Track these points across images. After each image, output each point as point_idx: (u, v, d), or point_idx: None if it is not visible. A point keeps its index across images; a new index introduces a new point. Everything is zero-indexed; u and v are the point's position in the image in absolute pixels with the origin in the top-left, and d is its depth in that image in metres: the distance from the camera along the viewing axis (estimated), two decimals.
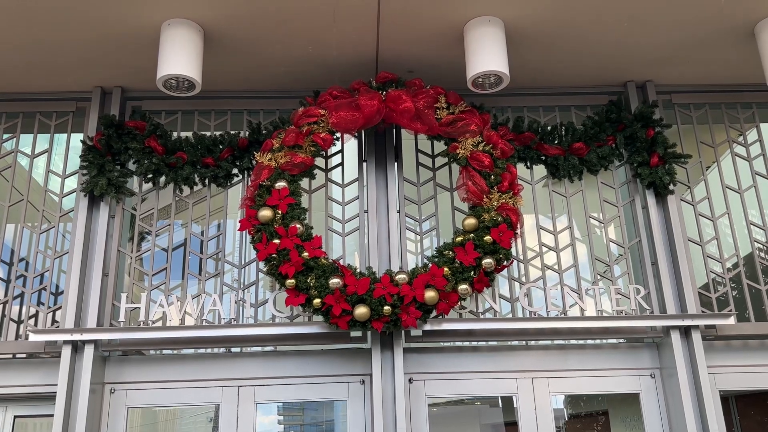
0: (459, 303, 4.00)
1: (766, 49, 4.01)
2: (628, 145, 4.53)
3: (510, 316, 4.29)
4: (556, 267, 4.39)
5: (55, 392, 3.94)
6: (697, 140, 4.71)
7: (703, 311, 4.24)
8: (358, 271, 3.98)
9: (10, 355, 4.18)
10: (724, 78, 4.72)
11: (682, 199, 4.54)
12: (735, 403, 6.23)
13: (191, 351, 4.31)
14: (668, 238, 4.40)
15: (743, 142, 4.76)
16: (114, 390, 4.18)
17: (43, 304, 4.27)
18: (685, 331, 4.16)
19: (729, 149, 4.74)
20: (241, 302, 4.20)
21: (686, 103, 4.79)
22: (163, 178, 4.44)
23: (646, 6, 3.91)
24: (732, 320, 4.13)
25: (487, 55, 3.87)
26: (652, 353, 4.33)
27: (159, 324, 4.11)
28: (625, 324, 4.18)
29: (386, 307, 3.80)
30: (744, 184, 4.63)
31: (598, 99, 4.74)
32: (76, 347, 4.07)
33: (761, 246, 4.55)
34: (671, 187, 4.42)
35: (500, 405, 6.03)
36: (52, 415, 3.91)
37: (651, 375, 4.28)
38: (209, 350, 4.32)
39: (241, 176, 4.52)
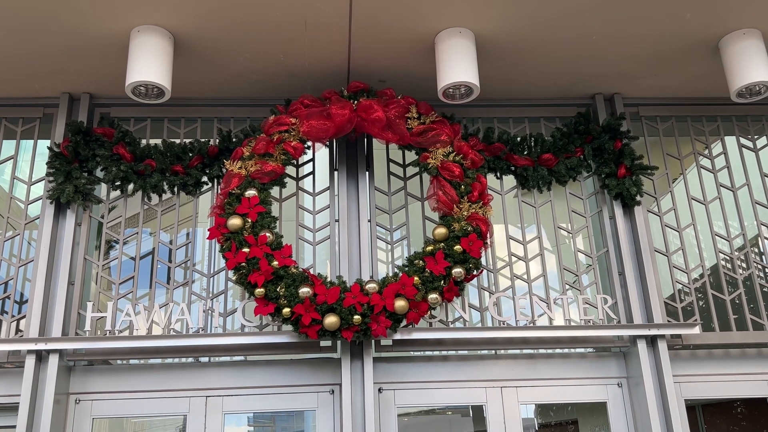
0: (429, 312, 4.01)
1: (729, 64, 4.10)
2: (596, 156, 4.59)
3: (479, 325, 4.32)
4: (525, 276, 4.42)
5: (18, 403, 3.86)
6: (664, 152, 4.79)
7: (669, 321, 4.30)
8: (328, 280, 3.97)
9: None
10: (689, 91, 4.81)
11: (648, 210, 4.60)
12: (702, 412, 6.31)
13: (158, 361, 4.26)
14: (635, 248, 4.46)
15: (708, 154, 4.84)
16: (79, 400, 4.11)
17: (6, 313, 4.19)
18: (652, 341, 4.21)
19: (694, 161, 4.82)
20: (210, 311, 4.16)
21: (653, 116, 4.87)
22: (131, 186, 4.39)
23: (614, 20, 3.97)
24: (697, 330, 4.18)
25: (457, 67, 3.90)
26: (619, 362, 4.37)
27: (126, 333, 4.06)
28: (593, 333, 4.21)
29: (356, 317, 3.79)
30: (709, 196, 4.71)
31: (566, 111, 4.79)
32: (41, 357, 3.99)
33: (726, 257, 4.62)
34: (638, 198, 4.48)
35: (471, 414, 6.04)
36: (14, 427, 3.82)
37: (618, 384, 4.32)
38: (177, 360, 4.27)
39: (210, 184, 4.49)
